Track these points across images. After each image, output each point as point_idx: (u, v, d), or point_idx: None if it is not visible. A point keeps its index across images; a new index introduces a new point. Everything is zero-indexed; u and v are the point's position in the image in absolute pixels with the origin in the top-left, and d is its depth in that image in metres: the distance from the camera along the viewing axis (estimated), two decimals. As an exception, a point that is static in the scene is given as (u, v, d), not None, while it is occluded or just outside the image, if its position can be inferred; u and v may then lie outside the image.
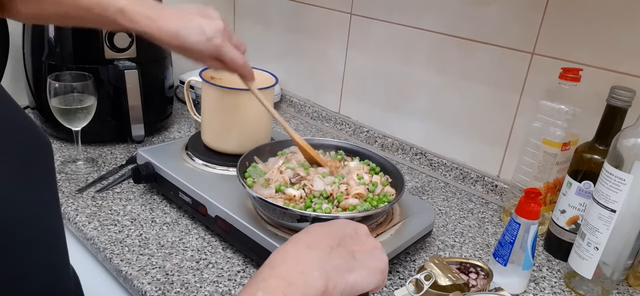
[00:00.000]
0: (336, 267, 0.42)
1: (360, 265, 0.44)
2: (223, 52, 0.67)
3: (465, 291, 0.65)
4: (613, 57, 0.83)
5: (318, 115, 1.35)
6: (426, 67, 1.10)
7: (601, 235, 0.71)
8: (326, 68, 1.31)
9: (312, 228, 0.46)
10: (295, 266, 0.41)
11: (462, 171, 1.07)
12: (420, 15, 1.08)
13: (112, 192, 0.89)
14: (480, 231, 0.91)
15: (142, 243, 0.76)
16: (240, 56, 0.70)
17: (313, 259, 0.42)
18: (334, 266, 0.42)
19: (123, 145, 1.08)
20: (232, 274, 0.72)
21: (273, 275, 0.40)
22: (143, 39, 0.68)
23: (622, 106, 0.74)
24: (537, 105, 0.87)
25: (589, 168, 0.78)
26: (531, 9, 0.91)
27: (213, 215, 0.76)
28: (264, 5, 1.42)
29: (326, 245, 0.43)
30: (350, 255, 0.44)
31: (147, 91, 1.03)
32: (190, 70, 1.37)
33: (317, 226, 0.47)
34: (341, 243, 0.45)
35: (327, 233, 0.45)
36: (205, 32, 0.65)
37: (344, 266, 0.43)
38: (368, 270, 0.44)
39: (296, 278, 0.40)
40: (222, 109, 0.88)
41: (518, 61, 0.95)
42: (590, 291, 0.75)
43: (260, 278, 0.40)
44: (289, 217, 0.68)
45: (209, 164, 0.87)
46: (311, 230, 0.46)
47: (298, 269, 0.40)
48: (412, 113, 1.15)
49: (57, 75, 0.91)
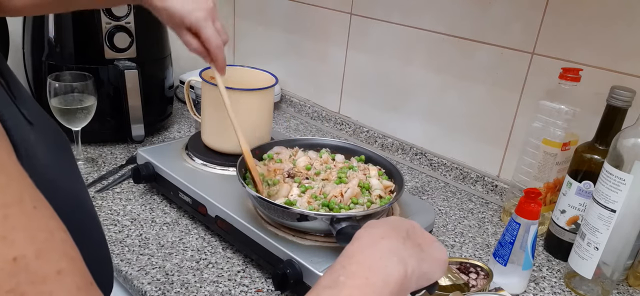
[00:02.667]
0: (412, 255, 0.43)
1: (428, 256, 0.45)
2: (201, 26, 0.68)
3: (465, 291, 0.65)
4: (613, 57, 0.83)
5: (318, 115, 1.35)
6: (426, 67, 1.10)
7: (601, 235, 0.71)
8: (326, 68, 1.31)
9: (377, 223, 0.47)
10: (374, 253, 0.42)
11: (462, 171, 1.07)
12: (420, 15, 1.08)
13: (112, 191, 0.89)
14: (480, 232, 0.91)
15: (142, 243, 0.76)
16: (217, 38, 0.70)
17: (391, 247, 0.43)
18: (409, 254, 0.43)
19: (123, 145, 1.08)
20: (232, 274, 0.72)
21: (353, 262, 0.41)
22: (143, 39, 0.68)
23: (622, 106, 0.74)
24: (537, 105, 0.87)
25: (589, 168, 0.78)
26: (531, 9, 0.91)
27: (213, 215, 0.76)
28: (264, 5, 1.42)
29: (399, 236, 0.45)
30: (418, 247, 0.46)
31: (147, 91, 1.03)
32: (190, 70, 1.37)
33: (377, 223, 0.48)
34: (408, 235, 0.46)
35: (392, 227, 0.46)
36: (190, 2, 0.67)
37: (416, 255, 0.44)
38: (435, 260, 0.46)
39: (376, 263, 0.41)
40: (222, 109, 0.88)
41: (518, 61, 0.95)
42: (590, 291, 0.75)
43: (339, 265, 0.41)
44: (289, 216, 0.68)
45: (209, 164, 0.87)
46: (377, 225, 0.47)
47: (376, 256, 0.41)
48: (412, 113, 1.15)
49: (57, 75, 0.91)
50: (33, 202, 0.26)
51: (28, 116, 0.35)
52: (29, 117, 0.35)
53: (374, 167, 0.82)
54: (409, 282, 0.42)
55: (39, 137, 0.35)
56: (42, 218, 0.27)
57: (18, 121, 0.33)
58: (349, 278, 0.39)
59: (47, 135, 0.38)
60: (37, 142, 0.34)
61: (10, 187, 0.25)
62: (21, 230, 0.25)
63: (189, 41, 0.70)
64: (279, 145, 0.86)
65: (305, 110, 1.38)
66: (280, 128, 1.30)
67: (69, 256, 0.27)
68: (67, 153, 0.42)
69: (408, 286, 0.42)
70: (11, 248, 0.24)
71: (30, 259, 0.24)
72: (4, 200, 0.24)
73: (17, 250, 0.24)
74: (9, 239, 0.24)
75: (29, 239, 0.25)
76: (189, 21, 0.67)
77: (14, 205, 0.25)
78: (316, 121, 1.36)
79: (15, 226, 0.24)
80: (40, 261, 0.25)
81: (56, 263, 0.26)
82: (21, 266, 0.24)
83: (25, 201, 0.26)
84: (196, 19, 0.67)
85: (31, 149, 0.30)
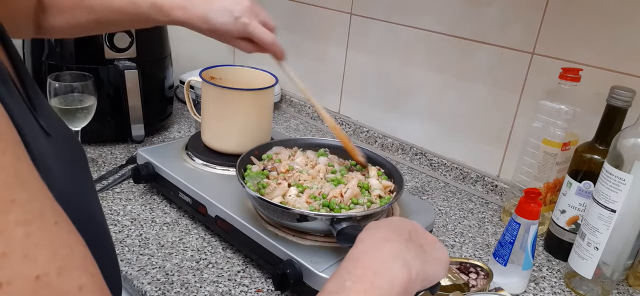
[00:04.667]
0: (415, 258, 0.43)
1: (430, 257, 0.46)
2: (250, 30, 0.68)
3: (465, 291, 0.65)
4: (613, 57, 0.83)
5: (318, 115, 1.35)
6: (426, 67, 1.10)
7: (601, 235, 0.71)
8: (326, 68, 1.31)
9: (378, 226, 0.47)
10: (378, 256, 0.42)
11: (462, 171, 1.07)
12: (420, 15, 1.08)
13: (112, 191, 0.89)
14: (480, 232, 0.91)
15: (142, 243, 0.76)
16: (268, 34, 0.70)
17: (394, 250, 0.43)
18: (413, 256, 0.43)
19: (123, 145, 1.08)
20: (232, 274, 0.72)
21: (358, 266, 0.41)
22: (143, 39, 0.68)
23: (622, 106, 0.74)
24: (537, 105, 0.87)
25: (589, 168, 0.78)
26: (531, 9, 0.91)
27: (213, 215, 0.76)
28: (264, 5, 1.40)
29: (401, 238, 0.45)
30: (421, 248, 0.46)
31: (147, 91, 1.03)
32: (190, 70, 1.37)
33: (379, 225, 0.48)
34: (410, 237, 0.46)
35: (394, 228, 0.47)
36: (232, 12, 0.67)
37: (419, 257, 0.44)
38: (437, 261, 0.46)
39: (381, 267, 0.41)
40: (222, 109, 0.88)
41: (518, 61, 0.95)
42: (590, 291, 0.75)
43: (344, 270, 0.41)
44: (289, 216, 0.68)
45: (209, 164, 0.87)
46: (379, 227, 0.47)
47: (381, 259, 0.42)
48: (412, 113, 1.15)
49: (57, 75, 0.91)
50: (54, 217, 0.26)
51: (46, 127, 0.35)
52: (46, 128, 0.35)
53: (373, 167, 0.82)
54: (413, 285, 0.42)
55: (56, 148, 0.35)
56: (62, 234, 0.26)
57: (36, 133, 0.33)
58: (355, 282, 0.39)
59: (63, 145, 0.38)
60: (53, 154, 0.34)
61: (33, 203, 0.25)
62: (43, 247, 0.24)
63: (243, 47, 0.71)
64: (278, 145, 0.86)
65: (305, 110, 1.38)
66: (280, 128, 1.30)
67: (89, 272, 0.27)
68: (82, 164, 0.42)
69: (412, 289, 0.42)
70: (34, 266, 0.24)
71: (53, 276, 0.24)
72: (25, 217, 0.24)
73: (40, 268, 0.24)
74: (31, 257, 0.24)
75: (51, 256, 0.25)
76: (237, 32, 0.68)
77: (36, 222, 0.25)
78: (316, 121, 1.36)
79: (37, 243, 0.24)
80: (62, 278, 0.25)
81: (77, 279, 0.26)
82: (43, 283, 0.24)
83: (46, 217, 0.26)
84: (242, 27, 0.67)
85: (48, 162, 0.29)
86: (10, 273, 0.23)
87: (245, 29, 0.68)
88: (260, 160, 0.82)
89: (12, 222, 0.23)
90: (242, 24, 0.67)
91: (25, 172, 0.26)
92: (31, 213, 0.25)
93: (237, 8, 0.67)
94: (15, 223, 0.23)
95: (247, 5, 0.68)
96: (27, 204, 0.25)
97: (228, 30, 0.67)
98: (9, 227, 0.23)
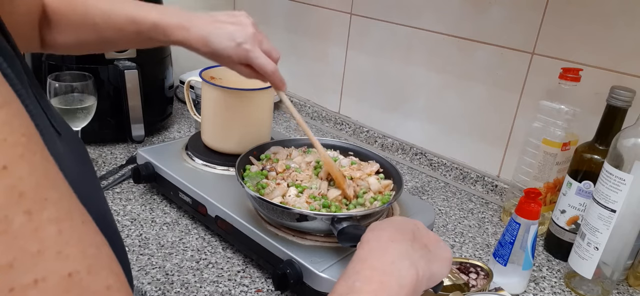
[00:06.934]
0: (421, 257, 0.44)
1: (435, 256, 0.46)
2: (252, 58, 0.67)
3: (465, 291, 0.65)
4: (613, 57, 0.83)
5: (318, 115, 1.35)
6: (426, 67, 1.10)
7: (601, 235, 0.71)
8: (326, 68, 1.31)
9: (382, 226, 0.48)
10: (385, 257, 0.42)
11: (462, 171, 1.07)
12: (420, 15, 1.08)
13: (112, 192, 0.89)
14: (480, 232, 0.91)
15: (142, 243, 0.76)
16: (270, 63, 0.69)
17: (401, 250, 0.43)
18: (419, 256, 0.44)
19: (123, 145, 1.08)
20: (232, 274, 0.72)
21: (366, 267, 0.42)
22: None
23: (622, 106, 0.74)
24: (537, 105, 0.87)
25: (589, 168, 0.78)
26: (531, 9, 0.91)
27: (213, 215, 0.76)
28: (264, 5, 1.42)
29: (406, 238, 0.45)
30: (426, 248, 0.46)
31: (147, 91, 1.03)
32: (190, 70, 1.37)
33: (382, 225, 0.48)
34: (414, 237, 0.47)
35: (399, 228, 0.47)
36: (234, 38, 0.65)
37: (425, 256, 0.45)
38: (442, 260, 0.47)
39: (389, 267, 0.41)
40: (222, 109, 0.88)
41: (518, 61, 0.95)
42: (590, 291, 0.75)
43: (352, 271, 0.41)
44: (289, 216, 0.68)
45: (209, 164, 0.87)
46: (383, 227, 0.47)
47: (388, 259, 0.42)
48: (412, 113, 1.15)
49: (57, 75, 0.91)
50: (81, 216, 0.26)
51: (57, 126, 0.35)
52: (57, 127, 0.35)
53: (368, 164, 0.82)
54: (420, 284, 0.42)
55: (66, 148, 0.35)
56: (90, 233, 0.27)
57: (50, 133, 0.33)
58: (364, 283, 0.40)
59: (72, 145, 0.38)
60: (66, 154, 0.34)
61: (62, 201, 0.25)
62: (74, 246, 0.25)
63: (243, 72, 0.70)
64: (276, 145, 0.86)
65: (305, 110, 1.38)
66: (280, 128, 1.30)
67: (115, 273, 0.27)
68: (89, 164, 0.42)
69: (420, 288, 0.43)
70: (66, 263, 0.24)
71: (83, 275, 0.24)
72: (57, 215, 0.24)
73: (72, 266, 0.24)
74: (63, 254, 0.24)
75: (81, 254, 0.25)
76: (238, 58, 0.67)
77: (66, 220, 0.25)
78: (316, 121, 1.36)
79: (68, 241, 0.24)
80: (91, 276, 0.25)
81: (105, 279, 0.26)
82: (75, 281, 0.24)
83: (74, 216, 0.26)
84: (244, 53, 0.66)
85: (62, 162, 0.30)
86: (45, 270, 0.23)
87: (246, 55, 0.67)
88: (258, 160, 0.82)
89: (45, 220, 0.23)
90: (244, 50, 0.66)
91: (52, 172, 0.26)
92: (62, 212, 0.25)
93: (241, 34, 0.66)
94: (48, 221, 0.24)
95: (251, 32, 0.67)
96: (58, 202, 0.25)
97: (229, 55, 0.66)
98: (42, 225, 0.23)
